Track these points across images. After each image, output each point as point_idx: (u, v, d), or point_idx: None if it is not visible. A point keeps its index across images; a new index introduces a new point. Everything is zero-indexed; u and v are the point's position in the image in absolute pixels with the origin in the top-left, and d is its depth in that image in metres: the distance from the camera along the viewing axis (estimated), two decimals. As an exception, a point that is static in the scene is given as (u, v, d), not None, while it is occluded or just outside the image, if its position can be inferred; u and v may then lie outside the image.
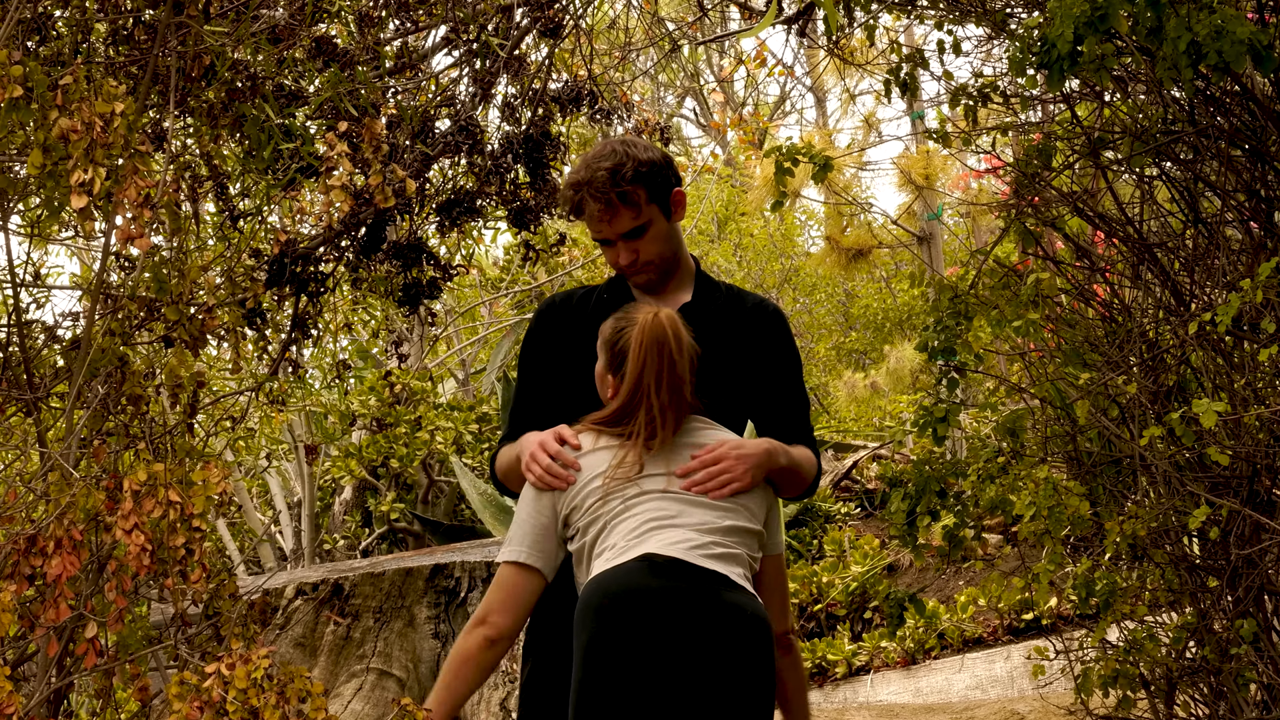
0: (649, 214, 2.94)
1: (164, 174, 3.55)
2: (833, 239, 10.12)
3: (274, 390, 4.67)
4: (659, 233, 2.96)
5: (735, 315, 3.05)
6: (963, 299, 3.77)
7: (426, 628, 5.60)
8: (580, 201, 2.92)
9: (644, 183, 2.93)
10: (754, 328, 3.04)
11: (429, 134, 4.54)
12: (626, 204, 2.91)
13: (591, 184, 2.90)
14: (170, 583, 3.32)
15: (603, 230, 2.93)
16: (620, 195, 2.90)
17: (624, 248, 2.94)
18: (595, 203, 2.90)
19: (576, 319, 3.05)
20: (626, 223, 2.92)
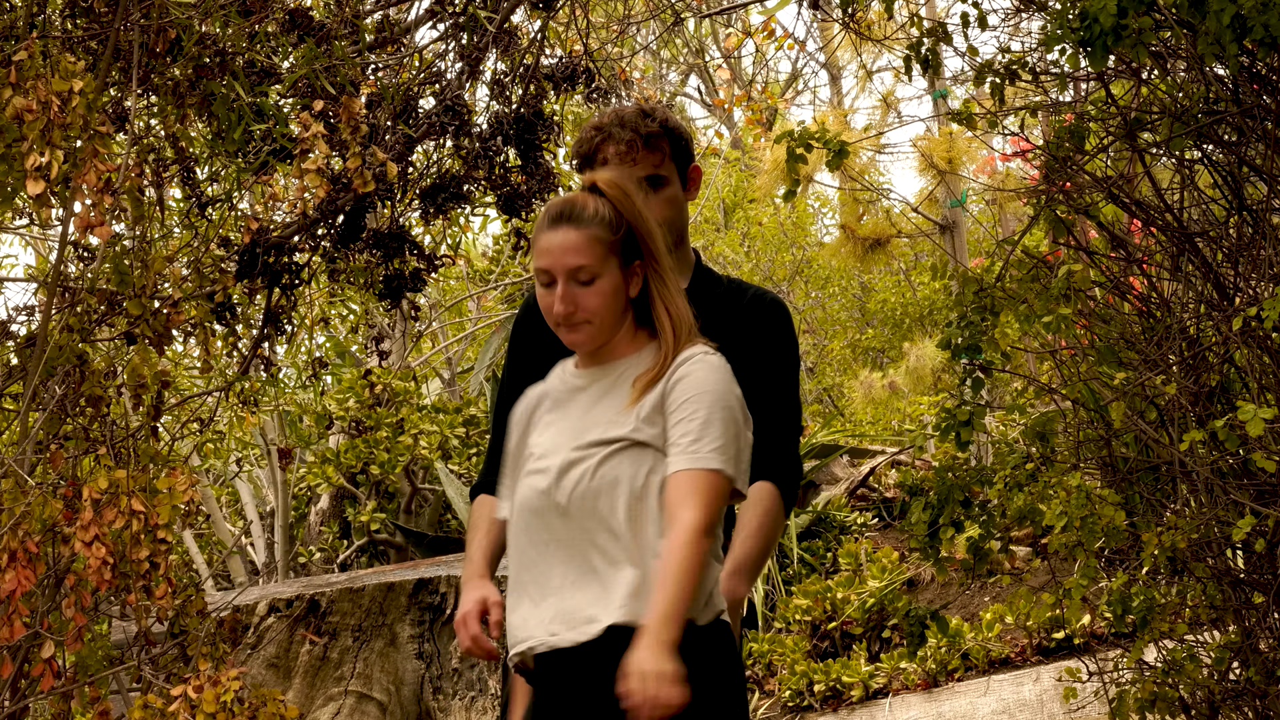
0: (669, 171, 2.98)
1: (126, 157, 3.55)
2: (848, 228, 10.12)
3: (245, 391, 4.67)
4: (674, 196, 3.00)
5: (733, 306, 3.05)
6: (988, 292, 3.77)
7: (409, 647, 5.60)
8: (600, 144, 2.95)
9: (670, 137, 2.98)
10: (751, 320, 3.04)
11: (412, 114, 4.54)
12: (651, 148, 2.95)
13: (620, 121, 2.94)
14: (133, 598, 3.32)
15: (621, 168, 2.93)
16: (647, 137, 2.94)
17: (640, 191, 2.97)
18: (618, 143, 2.93)
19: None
20: (647, 168, 2.95)
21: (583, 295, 2.58)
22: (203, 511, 9.34)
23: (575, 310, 2.58)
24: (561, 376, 2.71)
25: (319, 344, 9.98)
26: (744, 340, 3.01)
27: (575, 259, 2.56)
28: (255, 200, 5.49)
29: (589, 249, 2.56)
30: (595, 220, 2.58)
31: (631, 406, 2.57)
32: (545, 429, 2.66)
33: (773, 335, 3.06)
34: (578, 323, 2.60)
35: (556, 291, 2.58)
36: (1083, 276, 3.72)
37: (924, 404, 10.34)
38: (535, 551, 2.57)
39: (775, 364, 3.05)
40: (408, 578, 5.73)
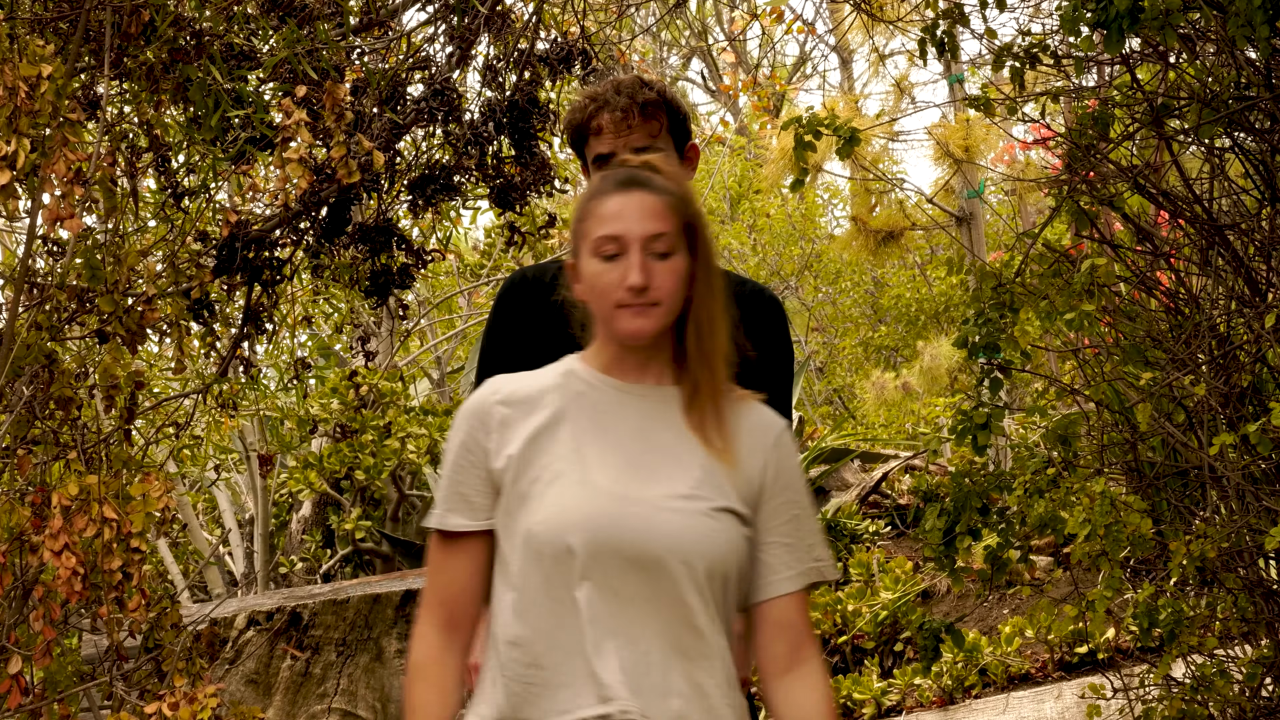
0: (665, 145, 2.98)
1: (97, 146, 3.55)
2: (860, 220, 10.12)
3: (223, 393, 4.67)
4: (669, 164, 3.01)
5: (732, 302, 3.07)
6: (1007, 288, 3.77)
7: (397, 662, 5.60)
8: (594, 113, 2.96)
9: (668, 109, 2.98)
10: (749, 319, 3.05)
11: (399, 100, 4.54)
12: (647, 116, 2.95)
13: (616, 88, 2.96)
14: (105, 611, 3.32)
15: (614, 144, 2.94)
16: (644, 105, 2.95)
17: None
18: (613, 110, 2.94)
19: (550, 299, 3.04)
20: (643, 138, 2.95)
21: (659, 270, 2.27)
22: (178, 519, 9.34)
23: (650, 286, 2.25)
24: (589, 383, 2.36)
25: (301, 344, 9.98)
26: (747, 336, 3.02)
27: (655, 225, 2.26)
28: (234, 191, 5.49)
29: (668, 217, 2.27)
30: (672, 190, 2.31)
31: (730, 464, 2.28)
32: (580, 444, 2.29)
33: (772, 337, 3.06)
34: (649, 303, 2.26)
35: (629, 261, 2.25)
36: (1107, 271, 3.72)
37: (939, 406, 10.34)
38: (603, 602, 2.20)
39: (774, 369, 3.05)
40: (395, 589, 5.74)
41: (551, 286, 3.06)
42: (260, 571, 8.97)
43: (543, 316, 3.01)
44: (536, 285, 3.07)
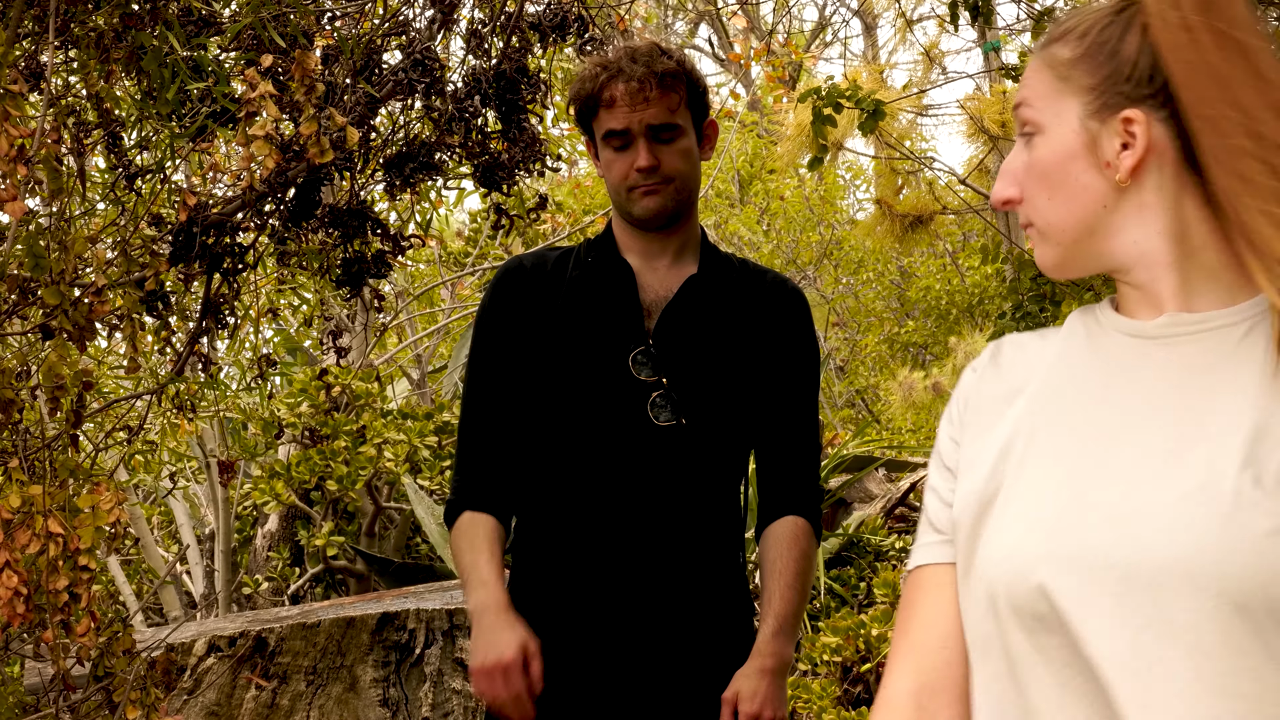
0: (682, 120, 2.98)
1: (41, 121, 3.55)
2: (885, 203, 10.12)
3: (180, 393, 4.68)
4: (687, 149, 2.99)
5: (750, 293, 3.08)
6: (1048, 278, 3.77)
7: (372, 693, 5.61)
8: (606, 83, 2.96)
9: (685, 82, 2.98)
10: (771, 312, 3.07)
11: (375, 70, 4.54)
12: (665, 88, 2.95)
13: (632, 56, 2.95)
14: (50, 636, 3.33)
15: (629, 118, 2.94)
16: (663, 75, 2.94)
17: (646, 147, 2.95)
18: (628, 80, 2.93)
19: (550, 290, 3.06)
20: (660, 112, 2.95)
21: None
22: (131, 534, 9.35)
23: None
24: (1103, 338, 1.74)
25: (266, 339, 9.99)
26: (763, 336, 3.04)
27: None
28: (192, 171, 5.49)
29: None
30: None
31: None
32: (1086, 425, 1.68)
33: (798, 334, 3.08)
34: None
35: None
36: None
37: (973, 409, 10.34)
38: (1136, 643, 1.56)
39: (801, 369, 3.07)
40: (370, 612, 5.74)
41: (553, 275, 3.07)
42: (221, 592, 8.98)
43: (543, 307, 3.02)
44: (535, 274, 3.08)
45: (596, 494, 2.97)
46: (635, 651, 2.96)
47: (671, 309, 3.00)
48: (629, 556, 2.96)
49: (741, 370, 3.01)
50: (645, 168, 2.95)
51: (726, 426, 3.00)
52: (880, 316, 14.71)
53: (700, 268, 3.05)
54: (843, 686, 7.23)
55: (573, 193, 12.66)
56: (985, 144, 9.31)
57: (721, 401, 2.98)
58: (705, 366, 2.98)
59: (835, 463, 8.83)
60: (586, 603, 2.97)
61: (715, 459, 3.00)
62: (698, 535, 2.99)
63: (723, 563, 3.03)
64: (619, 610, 2.96)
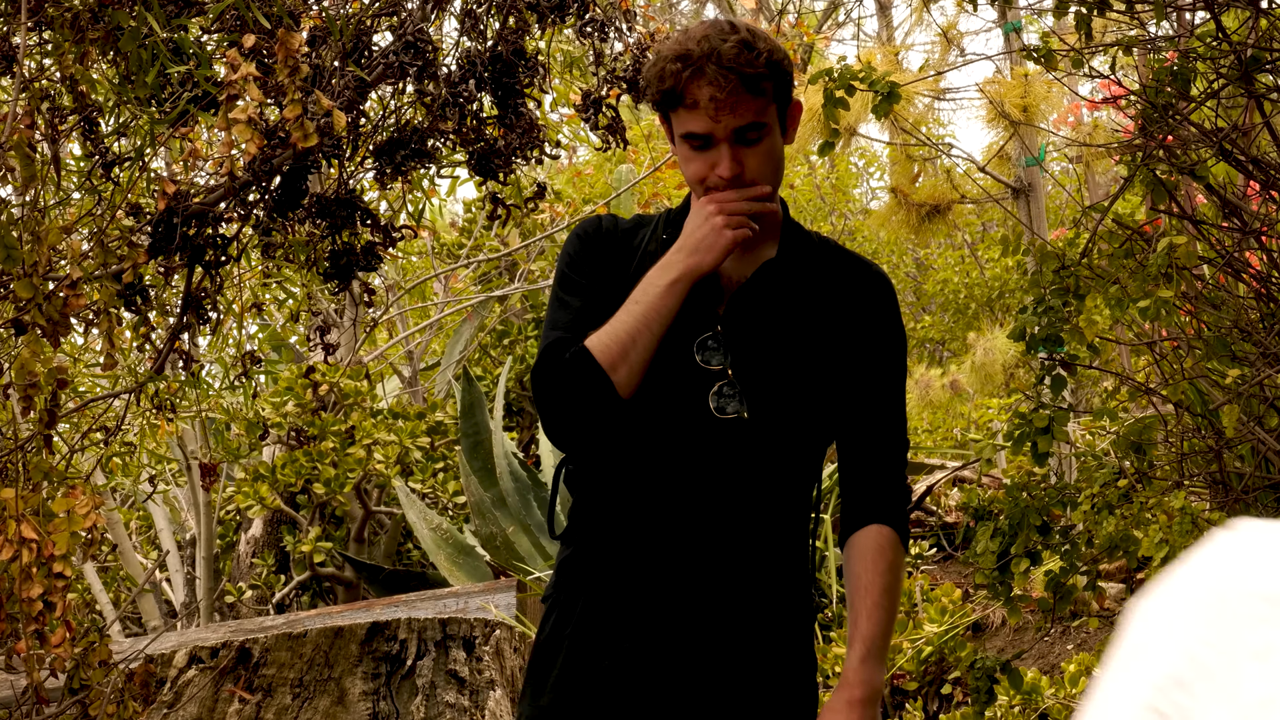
0: (769, 117, 2.89)
1: (13, 105, 3.55)
2: (900, 191, 10.12)
3: (159, 392, 4.68)
4: (773, 149, 2.91)
5: (832, 279, 3.02)
6: (1072, 271, 3.77)
7: (362, 706, 5.61)
8: (688, 82, 2.84)
9: (774, 75, 2.87)
10: (855, 299, 3.01)
11: (364, 52, 4.54)
12: (752, 90, 2.84)
13: (717, 55, 2.82)
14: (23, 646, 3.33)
15: (712, 123, 2.85)
16: (749, 77, 2.83)
17: (729, 153, 2.86)
18: (712, 82, 2.82)
19: (624, 256, 3.02)
20: (747, 115, 2.84)
21: None
22: (108, 540, 9.35)
23: None
24: None
25: (250, 335, 9.99)
26: (846, 325, 2.98)
27: None
28: (172, 159, 5.49)
29: None
30: None
31: None
32: None
33: (884, 323, 3.02)
34: None
35: None
36: (1187, 251, 3.72)
37: (993, 408, 10.35)
38: None
39: (886, 361, 3.01)
40: (359, 621, 5.74)
41: (625, 242, 3.02)
42: (203, 601, 8.98)
43: (618, 276, 2.97)
44: (610, 238, 3.04)
45: (655, 487, 2.91)
46: (692, 659, 2.92)
47: (743, 294, 2.94)
48: (686, 556, 2.91)
49: (817, 362, 2.94)
50: (728, 176, 2.87)
51: (795, 422, 2.93)
52: (895, 311, 14.69)
53: (780, 251, 3.00)
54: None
55: (572, 181, 12.66)
56: (1006, 129, 9.31)
57: (791, 395, 2.92)
58: (776, 357, 2.91)
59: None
60: (641, 603, 2.93)
61: (782, 456, 2.94)
62: (760, 536, 2.94)
63: (787, 566, 2.98)
64: (674, 612, 2.92)
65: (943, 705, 7.10)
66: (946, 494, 9.17)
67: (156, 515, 9.70)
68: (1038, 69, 7.91)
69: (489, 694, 5.79)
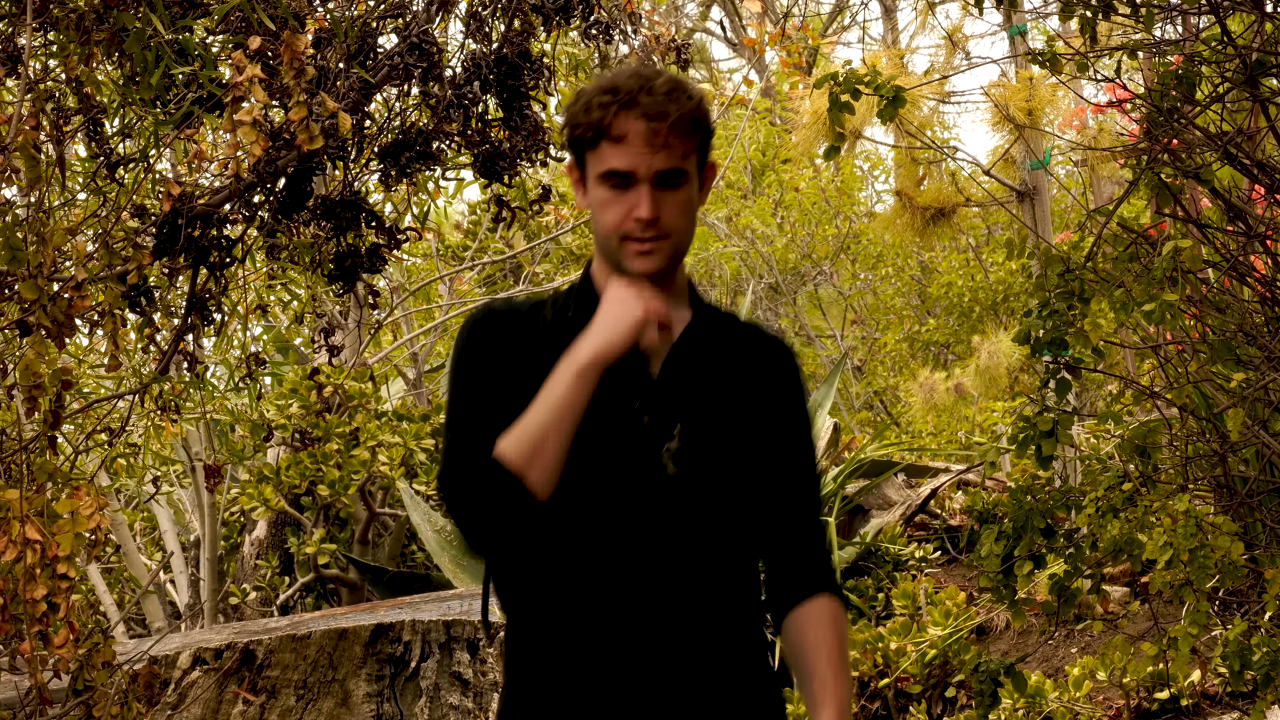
0: (691, 166, 2.83)
1: (18, 106, 3.55)
2: (905, 194, 10.11)
3: (164, 393, 4.68)
4: (690, 201, 2.86)
5: (744, 348, 2.98)
6: (1077, 274, 3.77)
7: (366, 708, 5.61)
8: (617, 114, 2.78)
9: (701, 124, 2.83)
10: (768, 372, 2.97)
11: (369, 54, 4.54)
12: (681, 132, 2.79)
13: (648, 88, 2.78)
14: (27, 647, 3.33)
15: (636, 161, 2.78)
16: (681, 117, 2.78)
17: (649, 196, 2.80)
18: (645, 115, 2.76)
19: (529, 342, 2.91)
20: (673, 158, 2.79)
21: None
22: (112, 541, 9.35)
23: None
24: None
25: (255, 337, 9.99)
26: (761, 396, 2.95)
27: None
28: (177, 160, 5.49)
29: None
30: None
31: None
32: None
33: (796, 398, 3.00)
34: None
35: None
36: (1192, 255, 3.72)
37: (998, 411, 10.34)
38: None
39: (802, 435, 2.98)
40: (363, 623, 5.74)
41: (528, 325, 2.92)
42: (207, 602, 8.98)
43: (524, 359, 2.88)
44: (511, 320, 2.93)
45: (606, 551, 2.82)
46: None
47: (677, 352, 2.88)
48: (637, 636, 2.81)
49: (744, 428, 2.90)
50: (647, 219, 2.80)
51: (738, 484, 2.87)
52: (900, 314, 14.70)
53: (695, 316, 2.93)
54: (860, 702, 7.22)
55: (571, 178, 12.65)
56: (1011, 133, 9.30)
57: (731, 456, 2.87)
58: (713, 417, 2.86)
59: (852, 467, 8.83)
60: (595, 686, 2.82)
61: (728, 521, 2.86)
62: (716, 607, 2.86)
63: (744, 639, 2.90)
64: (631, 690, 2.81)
65: (947, 708, 7.10)
66: (951, 497, 9.16)
67: (161, 517, 9.70)
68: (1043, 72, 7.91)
69: (493, 696, 5.79)
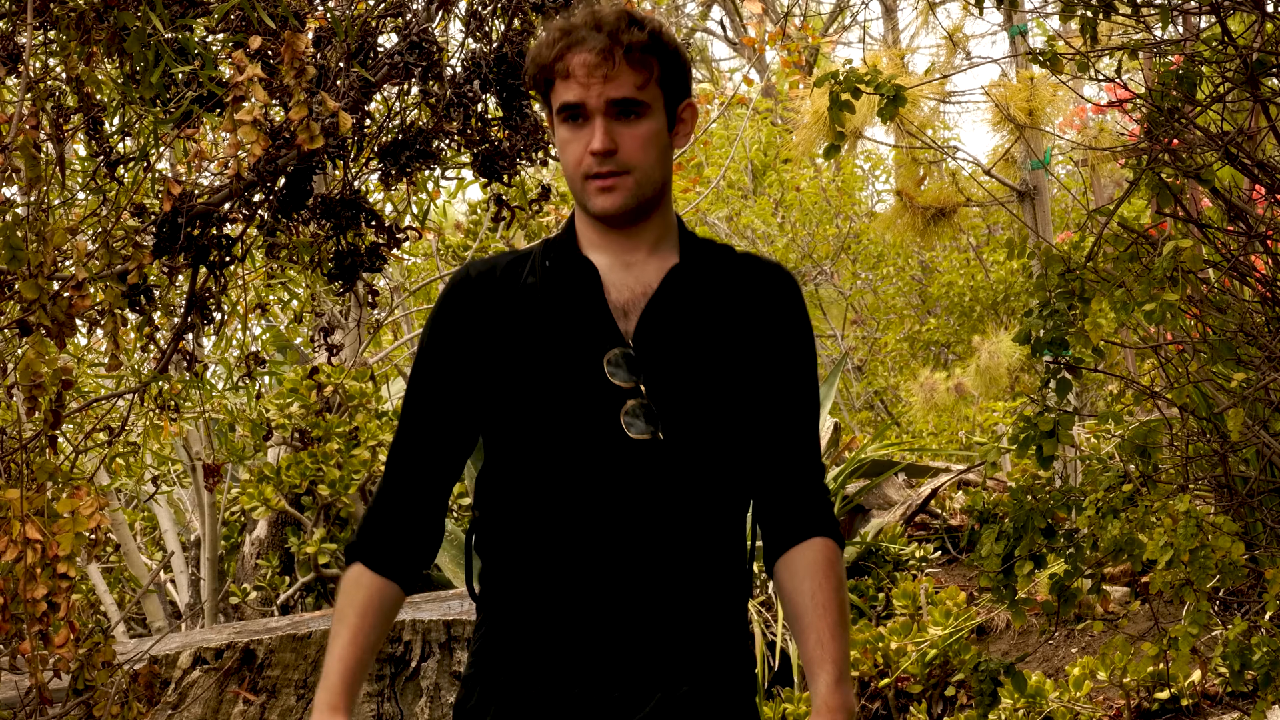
0: (652, 98, 2.76)
1: (18, 105, 3.55)
2: (906, 194, 10.11)
3: (163, 392, 4.68)
4: (653, 134, 2.77)
5: (739, 284, 2.86)
6: (1077, 274, 3.77)
7: (366, 708, 5.60)
8: (562, 53, 2.74)
9: (660, 55, 2.76)
10: (765, 302, 2.86)
11: (369, 53, 4.54)
12: (633, 63, 2.72)
13: (596, 23, 2.73)
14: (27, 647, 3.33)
15: (586, 92, 2.73)
16: (630, 48, 2.72)
17: (603, 127, 2.73)
18: (590, 49, 2.71)
19: (502, 302, 2.83)
20: (625, 87, 2.73)
21: None
22: (112, 540, 9.35)
23: None
24: None
25: (255, 336, 9.98)
26: (758, 332, 2.85)
27: None
28: (177, 159, 5.49)
29: None
30: None
31: None
32: None
33: (796, 328, 2.88)
34: None
35: None
36: (1193, 255, 3.72)
37: (998, 411, 10.34)
38: None
39: (802, 368, 2.87)
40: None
41: (504, 283, 2.83)
42: (208, 602, 8.98)
43: (495, 323, 2.81)
44: (484, 284, 2.85)
45: (571, 525, 2.73)
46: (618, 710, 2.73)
47: (655, 305, 2.78)
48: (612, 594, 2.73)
49: (733, 373, 2.80)
50: (600, 150, 2.72)
51: (717, 439, 2.77)
52: (900, 314, 14.69)
53: (682, 258, 2.83)
54: (860, 702, 7.21)
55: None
56: (1011, 133, 9.30)
57: (711, 410, 2.77)
58: (694, 371, 2.77)
59: (853, 467, 8.83)
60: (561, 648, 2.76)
61: (706, 478, 2.77)
62: (690, 568, 2.75)
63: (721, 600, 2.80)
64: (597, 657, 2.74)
65: (947, 708, 7.10)
66: (951, 497, 9.16)
67: (161, 516, 9.70)
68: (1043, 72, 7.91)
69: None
